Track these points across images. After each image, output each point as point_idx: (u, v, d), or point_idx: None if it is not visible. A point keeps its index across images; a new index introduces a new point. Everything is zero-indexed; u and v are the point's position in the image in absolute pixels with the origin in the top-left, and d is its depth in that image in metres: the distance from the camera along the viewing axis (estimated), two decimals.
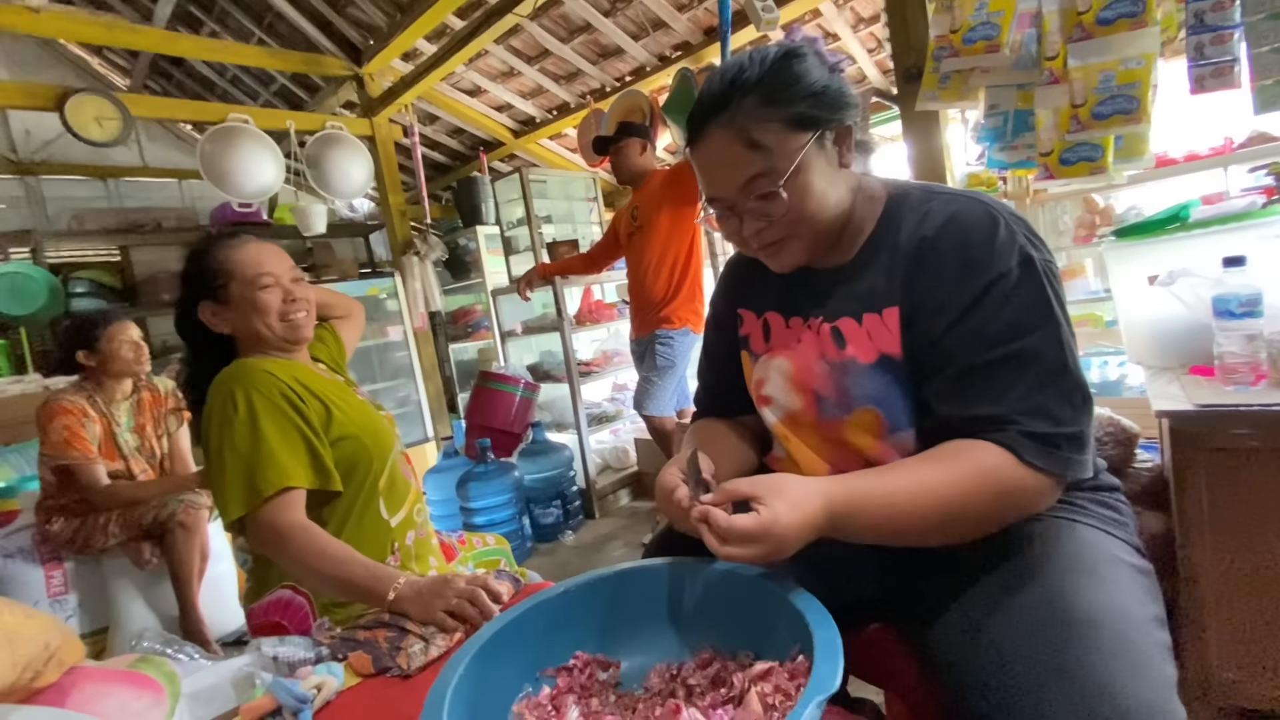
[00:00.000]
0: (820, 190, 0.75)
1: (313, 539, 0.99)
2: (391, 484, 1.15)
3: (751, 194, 0.75)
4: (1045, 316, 0.68)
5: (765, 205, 0.75)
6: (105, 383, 2.12)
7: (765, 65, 0.73)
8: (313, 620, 1.03)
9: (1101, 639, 0.57)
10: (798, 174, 0.73)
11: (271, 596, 1.07)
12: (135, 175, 4.74)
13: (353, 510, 1.10)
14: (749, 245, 0.81)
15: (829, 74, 0.75)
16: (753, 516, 0.61)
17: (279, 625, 1.04)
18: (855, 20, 3.28)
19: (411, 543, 1.16)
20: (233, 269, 1.11)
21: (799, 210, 0.75)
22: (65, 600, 2.02)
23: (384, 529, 1.12)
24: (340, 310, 1.44)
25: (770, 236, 0.78)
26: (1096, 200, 2.83)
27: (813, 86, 0.73)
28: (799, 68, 0.73)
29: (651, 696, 0.67)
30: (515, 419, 3.15)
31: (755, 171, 0.73)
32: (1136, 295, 1.41)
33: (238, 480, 0.99)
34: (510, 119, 4.60)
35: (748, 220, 0.78)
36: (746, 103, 0.73)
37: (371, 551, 1.05)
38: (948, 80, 1.59)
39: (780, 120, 0.72)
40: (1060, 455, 0.66)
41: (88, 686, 0.78)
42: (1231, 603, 1.10)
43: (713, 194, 0.79)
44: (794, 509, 0.61)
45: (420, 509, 1.22)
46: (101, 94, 2.89)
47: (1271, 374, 1.10)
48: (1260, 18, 1.25)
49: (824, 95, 0.73)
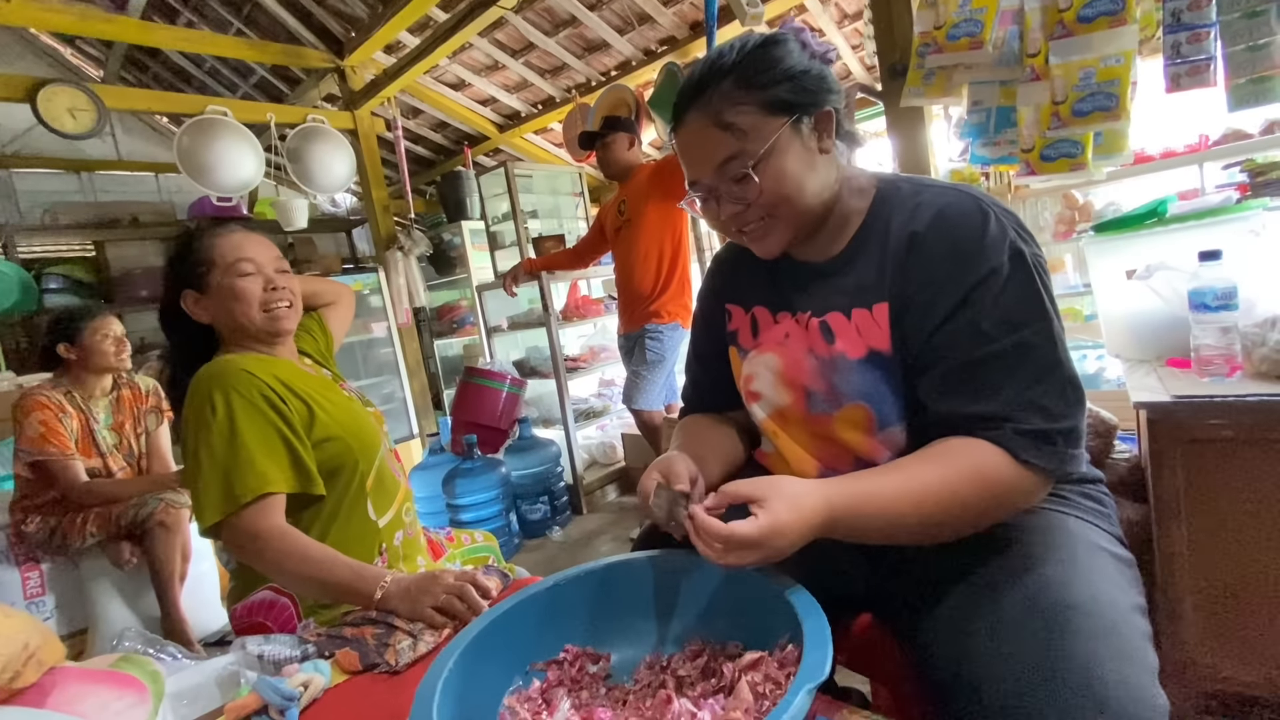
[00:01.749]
0: (795, 174, 0.75)
1: (291, 544, 0.97)
2: (380, 484, 1.14)
3: (726, 176, 0.75)
4: (1037, 311, 0.69)
5: (740, 188, 0.75)
6: (84, 378, 2.07)
7: (744, 50, 0.74)
8: (297, 621, 1.02)
9: (1085, 627, 0.58)
10: (770, 156, 0.73)
11: (255, 597, 1.06)
12: (110, 169, 4.63)
13: (338, 513, 1.08)
14: (729, 230, 0.81)
15: (809, 59, 0.75)
16: (752, 522, 0.61)
17: (262, 626, 1.03)
18: (840, 16, 3.30)
19: (399, 543, 1.15)
20: (214, 256, 1.09)
21: (773, 193, 0.75)
22: (43, 602, 1.99)
23: (371, 530, 1.10)
24: (328, 297, 1.41)
25: (748, 219, 0.78)
26: (1076, 196, 2.88)
27: (790, 70, 0.73)
28: (777, 52, 0.74)
29: (642, 688, 0.67)
30: (502, 415, 3.13)
31: (728, 153, 0.74)
32: (1115, 289, 1.43)
33: (214, 485, 0.96)
34: (495, 113, 4.56)
35: (724, 203, 0.78)
36: (723, 86, 0.73)
37: (359, 553, 1.03)
38: (932, 77, 1.61)
39: (754, 103, 0.73)
40: (1056, 451, 0.66)
41: (68, 686, 0.76)
42: (1207, 590, 1.13)
43: (692, 177, 0.80)
44: (793, 511, 0.61)
45: (409, 508, 1.21)
46: (74, 85, 2.82)
47: (1246, 366, 1.12)
48: (1235, 16, 1.27)
49: (802, 79, 0.74)
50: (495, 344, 3.70)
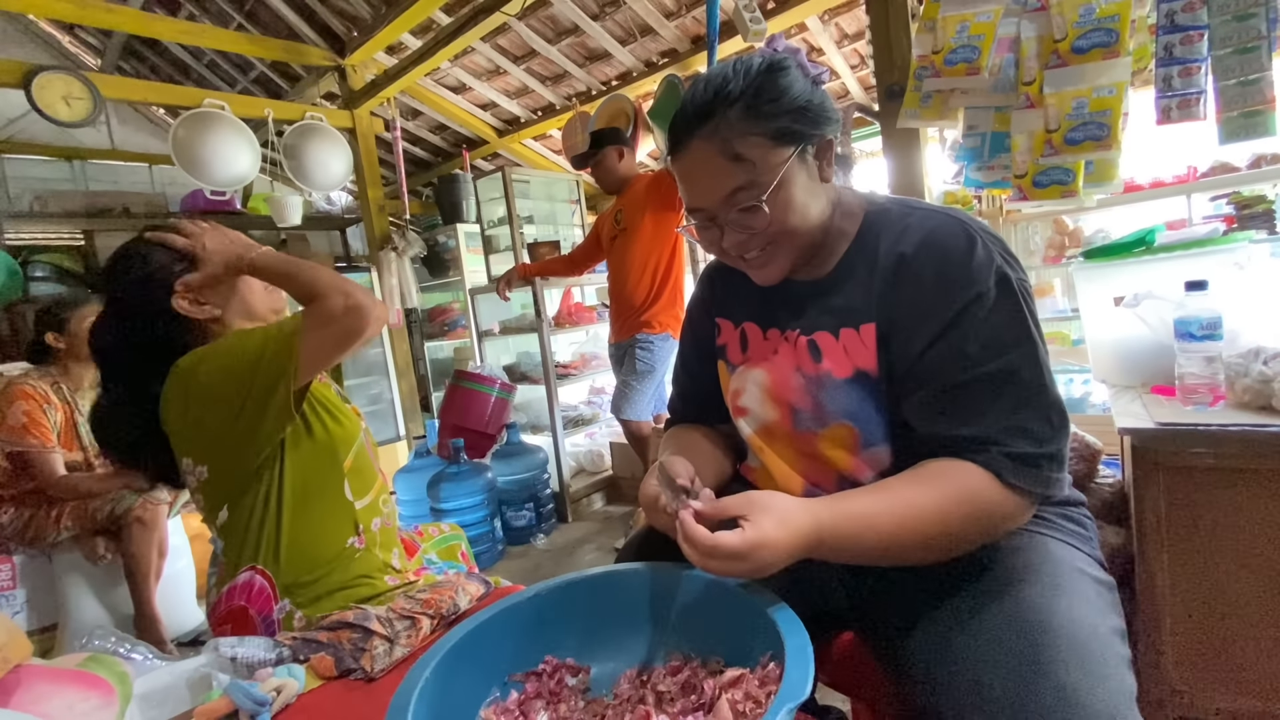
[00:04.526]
0: (802, 204, 0.75)
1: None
2: (358, 467, 1.13)
3: (733, 206, 0.75)
4: (1022, 336, 0.69)
5: (747, 218, 0.75)
6: (73, 368, 2.05)
7: (750, 77, 0.73)
8: (274, 603, 1.01)
9: (1065, 650, 0.58)
10: (780, 188, 0.73)
11: (239, 579, 1.04)
12: (103, 158, 4.59)
13: (312, 481, 1.06)
14: (729, 257, 0.81)
15: (812, 88, 0.75)
16: (739, 534, 0.60)
17: (243, 610, 1.01)
18: (840, 36, 3.34)
19: (377, 529, 1.14)
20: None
21: (781, 224, 0.75)
22: (13, 595, 1.95)
23: (347, 508, 1.10)
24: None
25: (751, 248, 0.78)
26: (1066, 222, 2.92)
27: (796, 100, 0.73)
28: (784, 81, 0.73)
29: (621, 702, 0.67)
30: (490, 420, 3.12)
31: (737, 184, 0.73)
32: (1103, 315, 1.45)
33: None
34: (494, 117, 4.58)
35: (729, 232, 0.77)
36: (730, 115, 0.72)
37: (334, 528, 1.05)
38: (929, 99, 1.62)
39: (763, 134, 0.72)
40: (1041, 475, 0.67)
41: (34, 685, 0.74)
42: (1187, 616, 1.13)
43: (694, 205, 0.79)
44: (780, 527, 0.61)
45: (387, 499, 1.20)
46: (71, 73, 2.80)
47: (1229, 395, 1.14)
48: (1227, 52, 1.30)
49: (807, 110, 0.74)
50: (486, 348, 3.69)
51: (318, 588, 1.02)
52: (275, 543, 1.02)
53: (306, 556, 1.03)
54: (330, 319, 0.97)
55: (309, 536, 1.04)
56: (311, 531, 1.04)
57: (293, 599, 1.01)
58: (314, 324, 0.97)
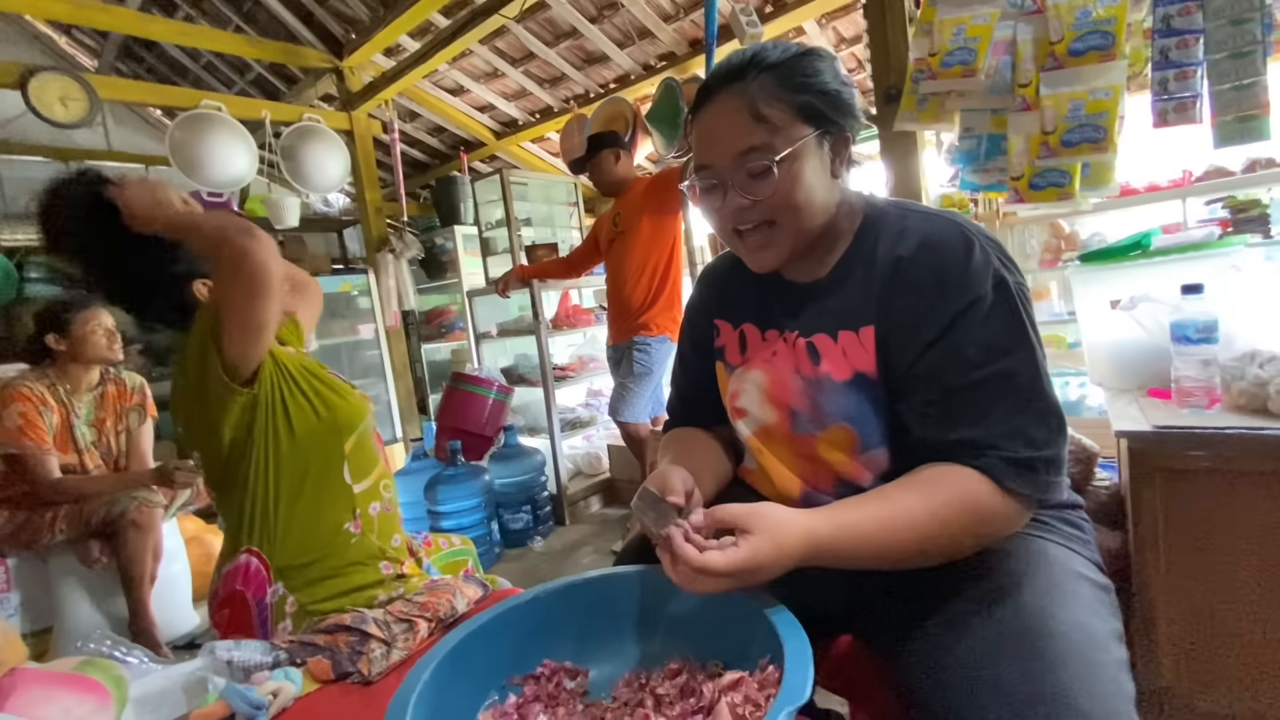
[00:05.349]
0: (809, 184, 0.75)
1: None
2: (359, 450, 1.14)
3: (744, 165, 0.74)
4: (1020, 339, 0.69)
5: (755, 183, 0.75)
6: (71, 370, 2.04)
7: (788, 53, 0.75)
8: (268, 585, 1.02)
9: (1064, 653, 0.58)
10: (793, 159, 0.73)
11: (237, 561, 1.04)
12: (100, 159, 4.56)
13: (311, 461, 1.08)
14: (727, 225, 0.80)
15: (842, 84, 0.76)
16: (731, 553, 0.60)
17: (240, 595, 1.01)
18: (837, 40, 3.35)
19: (375, 514, 1.14)
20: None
21: (786, 196, 0.74)
22: (7, 599, 1.94)
23: (345, 491, 1.11)
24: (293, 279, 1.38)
25: (749, 218, 0.77)
26: (1063, 225, 2.93)
27: (826, 85, 0.74)
28: (819, 64, 0.75)
29: (620, 706, 0.66)
30: (487, 422, 3.11)
31: (754, 143, 0.73)
32: (1099, 318, 1.45)
33: None
34: (492, 120, 4.58)
35: (732, 195, 0.77)
36: (762, 78, 0.73)
37: (331, 511, 1.07)
38: (925, 102, 1.63)
39: (789, 104, 0.73)
40: (1039, 479, 0.67)
41: (29, 689, 0.74)
42: (1184, 618, 1.14)
43: (706, 160, 0.78)
44: (773, 545, 0.61)
45: (388, 485, 1.21)
46: (67, 74, 2.80)
47: (1225, 398, 1.14)
48: (1222, 56, 1.30)
49: (835, 97, 0.75)
50: (484, 350, 3.69)
51: (311, 572, 1.02)
52: (273, 523, 1.03)
53: (302, 538, 1.04)
54: (233, 269, 0.98)
55: (305, 518, 1.05)
56: (308, 513, 1.06)
57: (286, 582, 1.01)
58: (221, 279, 1.03)
